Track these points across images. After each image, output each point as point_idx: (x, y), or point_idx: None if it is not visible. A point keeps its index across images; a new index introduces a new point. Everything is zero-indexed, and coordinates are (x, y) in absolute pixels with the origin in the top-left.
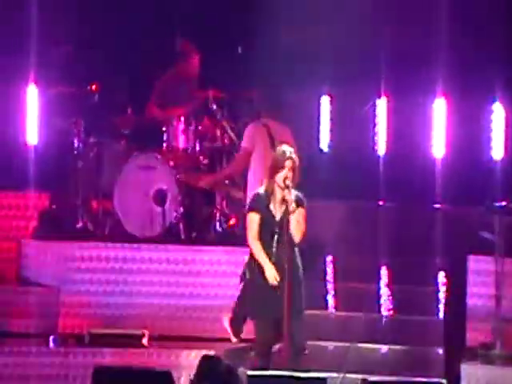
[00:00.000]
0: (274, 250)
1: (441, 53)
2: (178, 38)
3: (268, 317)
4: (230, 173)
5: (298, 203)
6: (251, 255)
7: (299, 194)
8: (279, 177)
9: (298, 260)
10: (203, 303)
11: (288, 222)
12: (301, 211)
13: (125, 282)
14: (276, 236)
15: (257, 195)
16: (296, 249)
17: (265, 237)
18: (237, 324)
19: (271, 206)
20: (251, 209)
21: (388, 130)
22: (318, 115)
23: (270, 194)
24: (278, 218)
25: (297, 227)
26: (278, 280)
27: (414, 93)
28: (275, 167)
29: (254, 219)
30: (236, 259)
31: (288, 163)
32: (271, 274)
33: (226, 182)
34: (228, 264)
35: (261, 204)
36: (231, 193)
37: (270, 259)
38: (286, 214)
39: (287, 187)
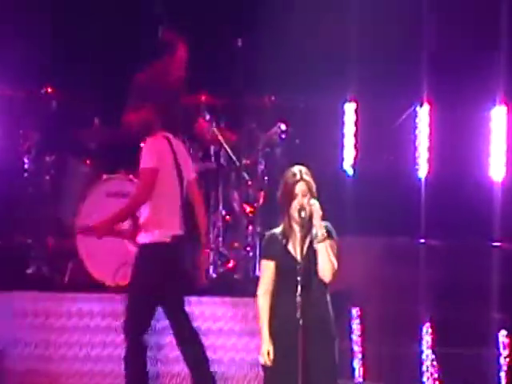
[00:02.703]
0: (298, 302)
1: (499, 51)
2: (160, 27)
3: None
4: (138, 205)
5: (327, 234)
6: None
7: (327, 224)
8: (293, 208)
9: (330, 314)
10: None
11: (315, 257)
12: (331, 243)
13: (91, 344)
14: (300, 283)
15: (270, 236)
16: (328, 297)
17: (286, 288)
18: None
19: (290, 247)
20: (263, 255)
21: (431, 145)
22: (341, 127)
23: (287, 232)
24: (300, 258)
25: (327, 262)
26: (270, 361)
27: (466, 99)
28: (286, 196)
29: (265, 268)
30: (236, 313)
31: (300, 187)
32: (264, 351)
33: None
34: (225, 319)
35: (275, 247)
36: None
37: (293, 316)
38: (311, 249)
39: (302, 219)
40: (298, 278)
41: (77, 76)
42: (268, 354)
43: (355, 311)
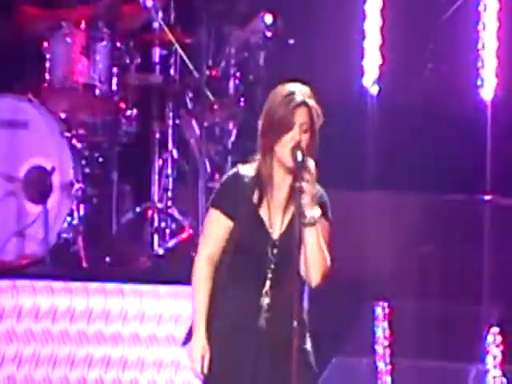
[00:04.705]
0: (264, 302)
1: None
2: None
3: None
4: None
5: (321, 209)
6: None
7: (321, 191)
8: (283, 145)
9: (306, 330)
10: None
11: (299, 242)
12: (324, 225)
13: None
14: (271, 274)
15: (235, 177)
16: (305, 305)
17: (246, 275)
18: None
19: (263, 210)
20: (215, 203)
21: (502, 47)
22: (360, 20)
23: (265, 179)
24: (276, 233)
25: (317, 257)
26: (203, 372)
27: None
28: (274, 125)
29: (215, 222)
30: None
31: (300, 115)
32: (196, 355)
33: None
34: (175, 319)
35: (239, 198)
36: None
37: (252, 322)
38: (294, 225)
39: (299, 165)
40: (270, 266)
41: None
42: (202, 358)
43: (381, 309)
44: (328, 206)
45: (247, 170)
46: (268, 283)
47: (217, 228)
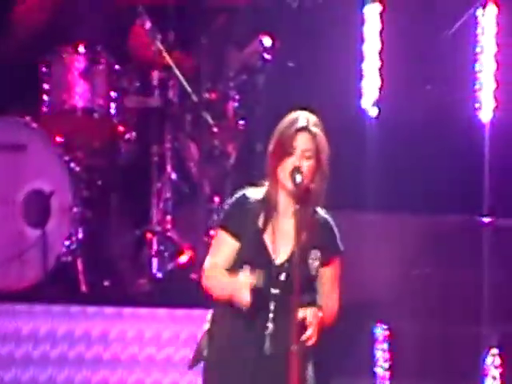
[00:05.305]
0: (268, 328)
1: None
2: None
3: None
4: None
5: (327, 245)
6: (214, 317)
7: (329, 223)
8: (284, 168)
9: (310, 366)
10: None
11: (305, 267)
12: (335, 265)
13: None
14: (274, 299)
15: (242, 200)
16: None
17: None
18: None
19: (268, 234)
20: (222, 224)
21: (500, 69)
22: (359, 42)
23: (269, 204)
24: (280, 260)
25: (324, 301)
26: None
27: None
28: (278, 150)
29: (222, 242)
30: (193, 334)
31: (302, 141)
32: (244, 283)
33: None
34: (174, 342)
35: (245, 221)
36: None
37: (256, 347)
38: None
39: (297, 187)
40: (274, 292)
41: None
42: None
43: (381, 331)
44: (337, 238)
45: (255, 193)
46: (272, 309)
47: (223, 248)
